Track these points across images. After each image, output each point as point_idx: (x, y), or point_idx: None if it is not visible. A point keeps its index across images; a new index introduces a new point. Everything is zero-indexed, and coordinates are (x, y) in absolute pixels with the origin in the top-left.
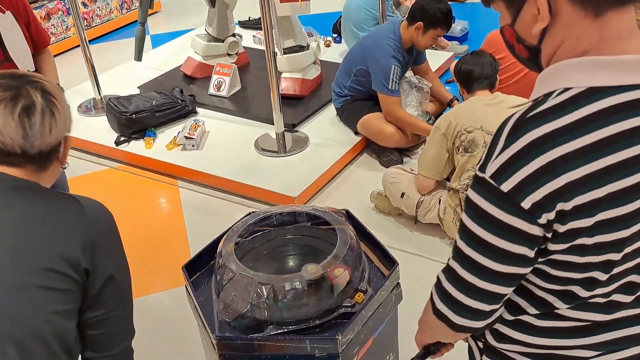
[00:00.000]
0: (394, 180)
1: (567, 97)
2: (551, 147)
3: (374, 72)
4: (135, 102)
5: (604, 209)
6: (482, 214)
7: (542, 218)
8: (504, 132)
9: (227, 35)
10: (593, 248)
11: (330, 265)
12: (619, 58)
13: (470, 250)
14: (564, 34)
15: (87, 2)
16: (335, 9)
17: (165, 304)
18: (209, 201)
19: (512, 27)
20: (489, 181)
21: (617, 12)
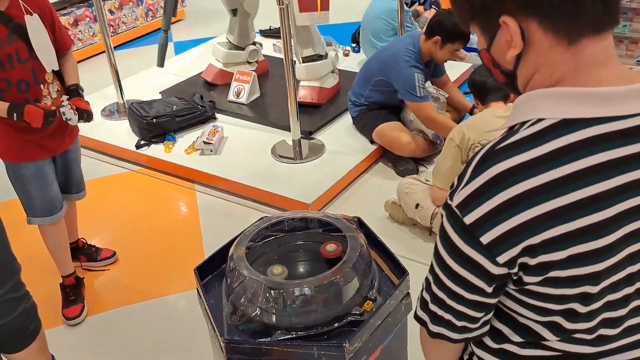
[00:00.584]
0: (409, 190)
1: (538, 128)
2: (516, 181)
3: (398, 84)
4: (157, 107)
5: (576, 243)
6: (447, 240)
7: (503, 256)
8: (473, 162)
9: (248, 43)
10: (567, 281)
11: (338, 272)
12: (592, 90)
13: (438, 270)
14: (537, 61)
15: (113, 10)
16: (355, 19)
17: (180, 305)
18: (225, 205)
19: (488, 51)
20: (455, 210)
21: (592, 39)
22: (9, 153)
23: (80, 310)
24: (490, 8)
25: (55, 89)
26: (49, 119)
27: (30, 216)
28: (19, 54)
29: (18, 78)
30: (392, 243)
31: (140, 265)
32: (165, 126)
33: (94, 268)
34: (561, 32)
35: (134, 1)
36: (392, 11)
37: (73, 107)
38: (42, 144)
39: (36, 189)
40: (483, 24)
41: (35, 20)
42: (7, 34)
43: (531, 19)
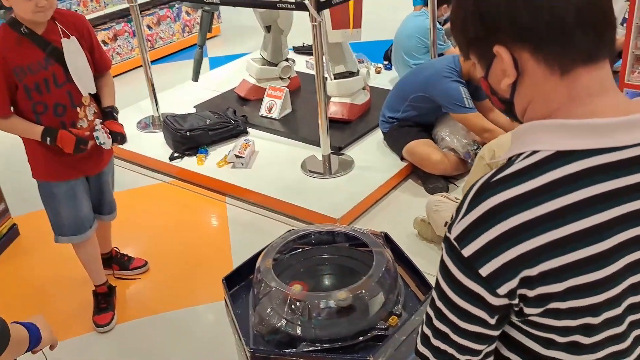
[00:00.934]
0: (438, 208)
1: (533, 160)
2: (513, 213)
3: (443, 100)
4: (191, 121)
5: (574, 275)
6: (448, 272)
7: (502, 288)
8: (469, 195)
9: (281, 59)
10: (568, 312)
11: (363, 287)
12: (586, 122)
13: (440, 304)
14: (532, 90)
15: (152, 25)
16: (387, 36)
17: (208, 315)
18: (255, 218)
19: (486, 80)
20: (453, 243)
21: (586, 69)
22: (42, 172)
23: (111, 318)
24: (484, 39)
25: (92, 111)
26: (80, 147)
27: (57, 235)
28: (55, 78)
29: (55, 101)
30: (420, 260)
31: (170, 275)
32: (199, 139)
33: (126, 277)
34: (553, 62)
35: (171, 17)
36: (425, 29)
37: (107, 131)
38: (76, 166)
39: (66, 208)
40: (479, 53)
41: (73, 44)
42: (44, 58)
43: (523, 49)
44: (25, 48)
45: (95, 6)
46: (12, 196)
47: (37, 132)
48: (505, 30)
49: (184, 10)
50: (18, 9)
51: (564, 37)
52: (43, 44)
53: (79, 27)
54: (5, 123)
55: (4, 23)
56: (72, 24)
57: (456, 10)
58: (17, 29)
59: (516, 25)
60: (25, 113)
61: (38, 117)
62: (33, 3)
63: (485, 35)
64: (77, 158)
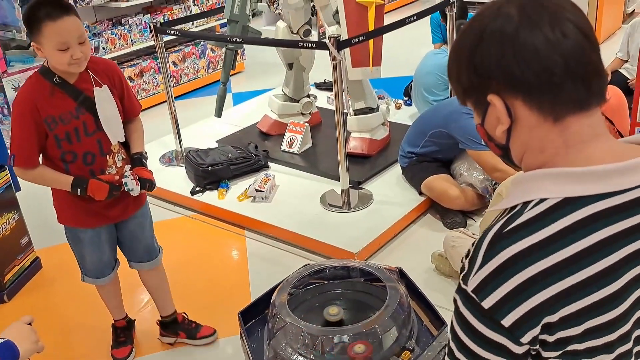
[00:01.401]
0: (455, 244)
1: (542, 209)
2: (530, 262)
3: (460, 135)
4: (212, 155)
5: (591, 317)
6: (467, 325)
7: (526, 336)
8: (483, 246)
9: (302, 96)
10: (585, 352)
11: (376, 322)
12: (589, 169)
13: (460, 355)
14: (527, 136)
15: (177, 62)
16: (407, 73)
17: (225, 349)
18: (274, 252)
19: (482, 126)
20: (471, 295)
21: (577, 117)
22: (68, 218)
23: (129, 352)
24: (479, 88)
25: (120, 158)
26: (113, 193)
27: (83, 274)
28: (86, 127)
29: (84, 150)
30: (437, 295)
31: (190, 308)
32: (220, 174)
33: (193, 344)
34: (545, 110)
35: (196, 54)
36: (444, 67)
37: (135, 177)
38: (103, 213)
39: (90, 253)
40: (475, 101)
41: (104, 92)
42: (75, 108)
43: (516, 98)
44: (57, 98)
45: (123, 44)
46: (35, 229)
47: (66, 183)
48: (498, 80)
49: (209, 47)
50: (53, 60)
51: (554, 87)
52: (75, 93)
53: (111, 75)
54: (32, 173)
55: (37, 72)
56: (103, 71)
57: (452, 62)
58: (49, 78)
59: (507, 76)
60: (54, 161)
61: (67, 165)
62: (68, 55)
63: (479, 85)
64: (103, 205)
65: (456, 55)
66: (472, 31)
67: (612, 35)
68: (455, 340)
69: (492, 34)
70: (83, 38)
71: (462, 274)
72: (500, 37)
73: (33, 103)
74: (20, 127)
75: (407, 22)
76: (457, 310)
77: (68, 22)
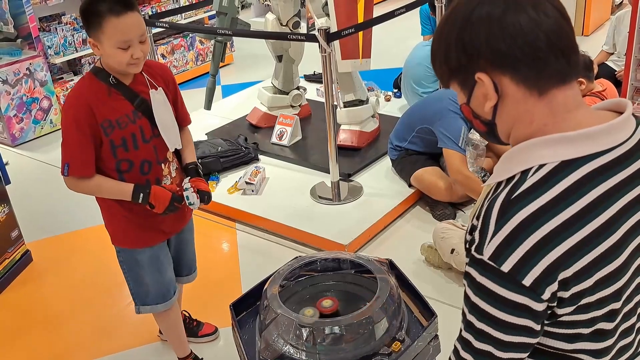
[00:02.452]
0: (444, 235)
1: (544, 173)
2: (541, 223)
3: (442, 132)
4: (202, 148)
5: (600, 268)
6: (488, 292)
7: (546, 292)
8: (493, 215)
9: (292, 88)
10: (596, 303)
11: (367, 313)
12: (581, 132)
13: (482, 324)
14: (515, 110)
15: (165, 54)
16: (397, 65)
17: (218, 340)
18: (264, 244)
19: (468, 105)
20: (489, 262)
21: (560, 89)
22: (123, 239)
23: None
24: (466, 67)
25: (174, 167)
26: (174, 204)
27: (139, 304)
28: (143, 133)
29: (142, 158)
30: (427, 286)
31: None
32: (210, 166)
33: (194, 342)
34: (531, 85)
35: (185, 46)
36: None
37: (195, 190)
38: (159, 228)
39: (150, 275)
40: (461, 81)
41: (160, 95)
42: (132, 112)
43: (503, 75)
44: (114, 100)
45: None
46: (26, 222)
47: (127, 191)
48: (486, 58)
49: (198, 39)
50: (112, 59)
51: (538, 61)
52: (132, 95)
53: (166, 78)
54: (88, 184)
55: (89, 72)
56: (159, 74)
57: (438, 42)
58: (104, 79)
59: (496, 53)
60: (107, 172)
61: (121, 175)
62: (129, 54)
63: (468, 64)
64: (159, 220)
65: (443, 38)
66: (460, 15)
67: (601, 27)
68: (475, 311)
69: (479, 16)
70: (144, 37)
71: (474, 247)
72: (488, 19)
73: (88, 106)
74: (75, 133)
75: (396, 14)
76: (473, 282)
77: (132, 18)
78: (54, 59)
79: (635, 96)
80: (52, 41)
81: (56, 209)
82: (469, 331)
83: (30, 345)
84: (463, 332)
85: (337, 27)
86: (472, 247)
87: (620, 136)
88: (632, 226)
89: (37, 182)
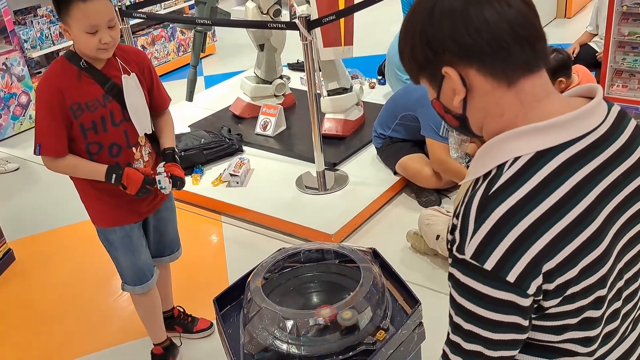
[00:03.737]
0: (429, 222)
1: (519, 165)
2: (521, 217)
3: (424, 119)
4: (185, 141)
5: (584, 256)
6: (472, 292)
7: (531, 287)
8: (472, 213)
9: (275, 77)
10: (582, 292)
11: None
12: (552, 121)
13: (470, 325)
14: (484, 103)
15: (146, 45)
16: (381, 51)
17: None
18: (250, 236)
19: (438, 100)
20: (471, 261)
21: (528, 78)
22: (97, 218)
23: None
24: (433, 62)
25: (147, 152)
26: (146, 187)
27: (123, 282)
28: (113, 116)
29: (111, 141)
30: (414, 273)
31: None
32: (193, 159)
33: (190, 338)
34: (499, 76)
35: (165, 37)
36: None
37: (168, 175)
38: (131, 208)
39: (124, 257)
40: (430, 76)
41: (133, 80)
42: (103, 95)
43: (469, 67)
44: (84, 83)
45: None
46: (6, 221)
47: (100, 171)
48: (452, 52)
49: (179, 30)
50: (81, 44)
51: (503, 52)
52: (103, 79)
53: (140, 64)
54: (62, 163)
55: (62, 56)
56: (133, 60)
57: (404, 38)
58: (76, 62)
59: (460, 47)
60: (79, 153)
61: (92, 157)
62: (97, 39)
63: (434, 58)
64: (132, 201)
65: (408, 33)
66: (422, 9)
67: (584, 9)
68: (461, 312)
69: (442, 10)
70: (113, 22)
71: (455, 247)
72: (450, 13)
73: (58, 89)
74: (47, 114)
75: (378, 0)
76: (458, 282)
77: (99, 4)
78: (30, 53)
79: (615, 78)
80: (28, 35)
81: (37, 206)
82: (457, 333)
83: (18, 344)
84: (451, 335)
85: (318, 15)
86: (454, 247)
87: (592, 122)
88: (612, 211)
89: (17, 180)
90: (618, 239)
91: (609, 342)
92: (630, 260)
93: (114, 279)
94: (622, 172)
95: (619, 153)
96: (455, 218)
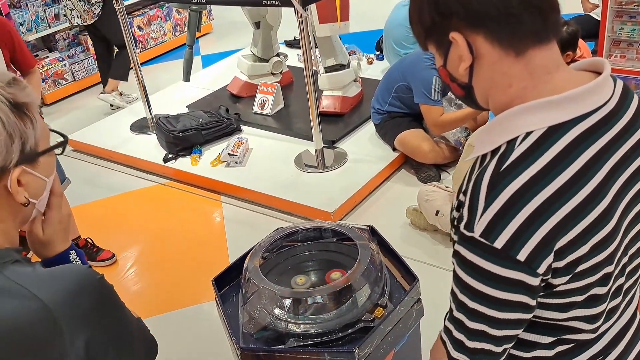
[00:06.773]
0: (429, 197)
1: (532, 140)
2: (534, 193)
3: (415, 86)
4: (183, 121)
5: (595, 233)
6: (480, 270)
7: (542, 266)
8: (482, 190)
9: (272, 55)
10: (591, 269)
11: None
12: (565, 95)
13: (475, 304)
14: (491, 72)
15: (142, 26)
16: (379, 26)
17: (206, 314)
18: (250, 216)
19: (444, 67)
20: (480, 239)
21: (537, 49)
22: None
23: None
24: (440, 27)
25: None
26: None
27: None
28: None
29: None
30: (413, 249)
31: (170, 275)
32: (192, 139)
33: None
34: (506, 44)
35: (162, 17)
36: None
37: None
38: None
39: None
40: (437, 42)
41: None
42: None
43: (477, 34)
44: None
45: None
46: None
47: None
48: (459, 17)
49: (174, 9)
50: None
51: (512, 19)
52: None
53: (1, 28)
54: None
55: None
56: None
57: (413, 4)
58: None
59: (468, 11)
60: None
61: None
62: None
63: (441, 23)
64: None
65: None
66: None
67: None
68: (466, 291)
69: None
70: None
71: (463, 224)
72: None
73: None
74: None
75: None
76: (464, 260)
77: None
78: (26, 36)
79: (612, 48)
80: (24, 17)
81: None
82: (461, 311)
83: None
84: (455, 313)
85: None
86: (461, 225)
87: (602, 96)
88: (620, 187)
89: None
90: (625, 215)
91: (611, 318)
92: (634, 237)
93: None
94: (630, 148)
95: (626, 129)
96: (462, 195)
